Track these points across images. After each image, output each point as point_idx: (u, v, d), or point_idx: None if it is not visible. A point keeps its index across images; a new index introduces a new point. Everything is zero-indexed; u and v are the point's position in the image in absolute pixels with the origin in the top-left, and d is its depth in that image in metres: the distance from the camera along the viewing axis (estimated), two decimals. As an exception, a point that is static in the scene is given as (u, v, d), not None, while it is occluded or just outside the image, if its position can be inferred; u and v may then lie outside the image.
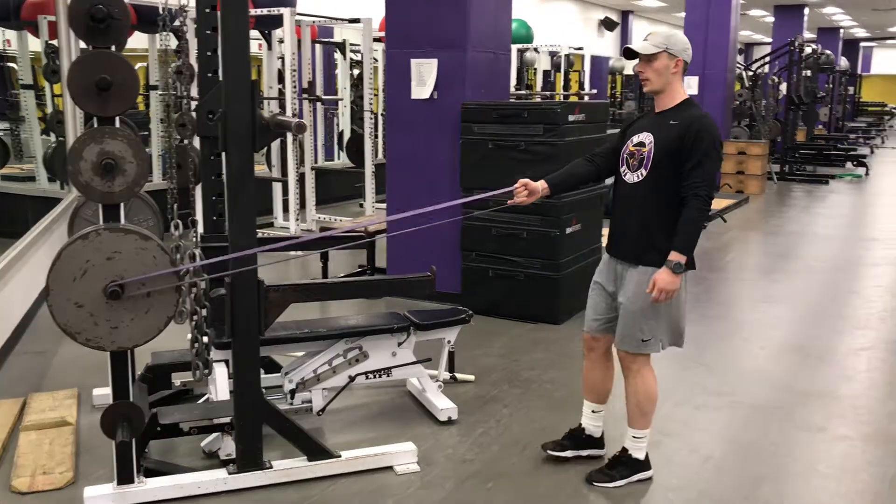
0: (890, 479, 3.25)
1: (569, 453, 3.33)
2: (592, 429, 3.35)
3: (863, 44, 29.11)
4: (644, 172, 3.02)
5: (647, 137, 3.04)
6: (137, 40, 8.41)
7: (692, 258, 2.96)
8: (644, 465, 3.19)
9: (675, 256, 2.90)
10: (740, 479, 3.25)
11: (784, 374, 4.46)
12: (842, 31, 23.41)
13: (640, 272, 3.00)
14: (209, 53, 3.62)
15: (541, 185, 3.19)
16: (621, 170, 3.11)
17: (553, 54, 15.22)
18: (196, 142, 3.70)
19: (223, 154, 2.94)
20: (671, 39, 3.01)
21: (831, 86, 19.55)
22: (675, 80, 3.04)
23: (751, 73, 14.18)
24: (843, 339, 5.12)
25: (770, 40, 19.28)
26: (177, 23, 3.58)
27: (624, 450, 3.20)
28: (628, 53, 3.06)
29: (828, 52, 18.10)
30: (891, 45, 32.75)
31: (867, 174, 14.57)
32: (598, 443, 3.36)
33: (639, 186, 3.03)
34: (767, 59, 15.18)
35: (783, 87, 14.63)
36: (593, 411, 3.34)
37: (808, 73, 15.29)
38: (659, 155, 2.99)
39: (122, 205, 2.76)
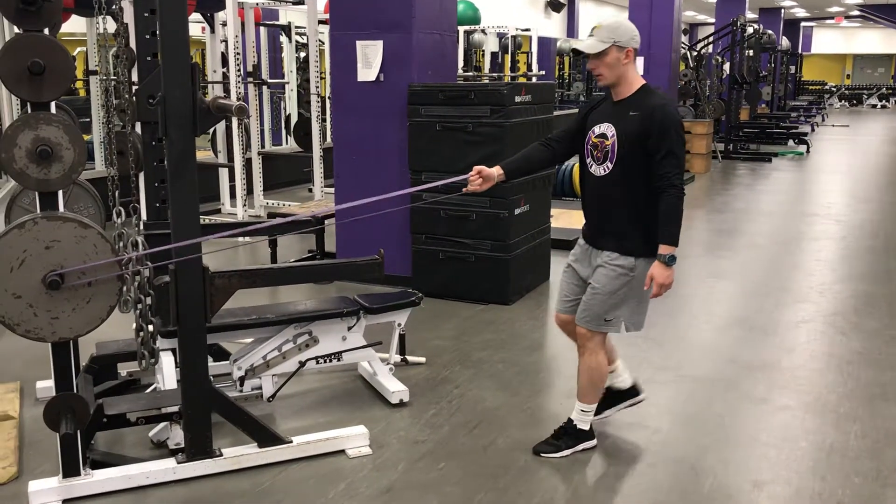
0: (828, 446, 3.36)
1: (608, 412, 3.45)
2: (620, 383, 3.46)
3: (803, 24, 29.71)
4: (610, 166, 3.05)
5: (609, 129, 3.05)
6: (76, 24, 8.19)
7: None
8: (588, 434, 3.28)
9: (665, 249, 2.96)
10: (686, 449, 3.33)
11: (728, 348, 4.57)
12: (783, 11, 23.85)
13: (613, 258, 3.07)
14: (147, 36, 3.54)
15: (496, 171, 3.19)
16: (587, 161, 3.14)
17: (501, 36, 15.24)
18: (138, 127, 3.64)
19: (164, 139, 2.89)
20: (618, 31, 3.01)
21: (773, 65, 19.96)
22: (629, 69, 3.05)
23: (695, 54, 14.38)
24: (784, 313, 5.26)
25: (713, 20, 19.56)
26: (114, 6, 3.49)
27: (569, 421, 3.27)
28: (578, 53, 3.08)
29: (769, 31, 18.45)
30: (830, 25, 33.49)
31: (808, 151, 14.91)
32: (632, 391, 3.48)
33: (606, 179, 3.07)
34: (711, 39, 15.41)
35: (726, 66, 14.88)
36: (611, 372, 3.40)
37: (751, 52, 15.57)
38: (623, 148, 3.01)
39: (60, 192, 2.69)
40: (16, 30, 2.58)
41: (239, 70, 7.45)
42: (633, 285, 3.06)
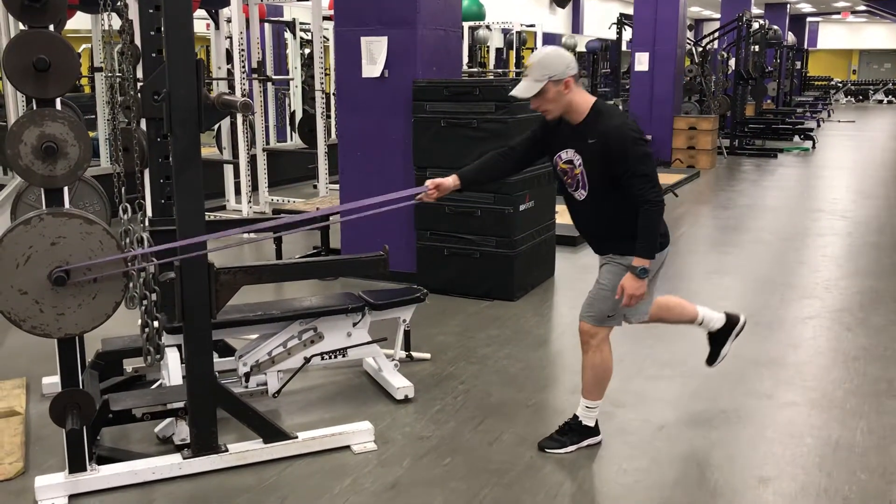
0: (834, 442, 3.36)
1: (724, 350, 3.67)
2: (715, 324, 3.64)
3: (809, 19, 29.58)
4: (585, 192, 3.08)
5: (574, 157, 3.06)
6: (81, 21, 8.20)
7: (667, 234, 3.10)
8: (594, 430, 3.28)
9: (638, 262, 2.97)
10: (691, 446, 3.33)
11: (734, 343, 4.55)
12: (789, 6, 23.75)
13: (616, 257, 3.10)
14: (152, 33, 3.54)
15: (452, 181, 3.20)
16: (565, 182, 3.15)
17: (505, 32, 15.24)
18: (143, 124, 3.64)
19: (169, 135, 2.90)
20: (550, 66, 2.96)
21: (779, 61, 19.88)
22: (574, 95, 3.01)
23: (700, 49, 14.33)
24: (790, 309, 5.25)
25: (719, 16, 19.50)
26: (119, 2, 3.49)
27: (575, 417, 3.28)
28: (516, 99, 3.06)
29: (775, 27, 18.37)
30: (836, 21, 33.35)
31: (814, 147, 14.87)
32: (730, 322, 3.68)
33: (587, 202, 3.10)
34: (716, 34, 15.35)
35: (732, 62, 14.83)
36: (699, 324, 3.60)
37: (756, 48, 15.52)
38: (591, 175, 3.04)
39: (65, 189, 2.70)
40: (21, 26, 2.58)
41: (243, 66, 7.45)
42: None
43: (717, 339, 3.63)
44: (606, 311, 3.11)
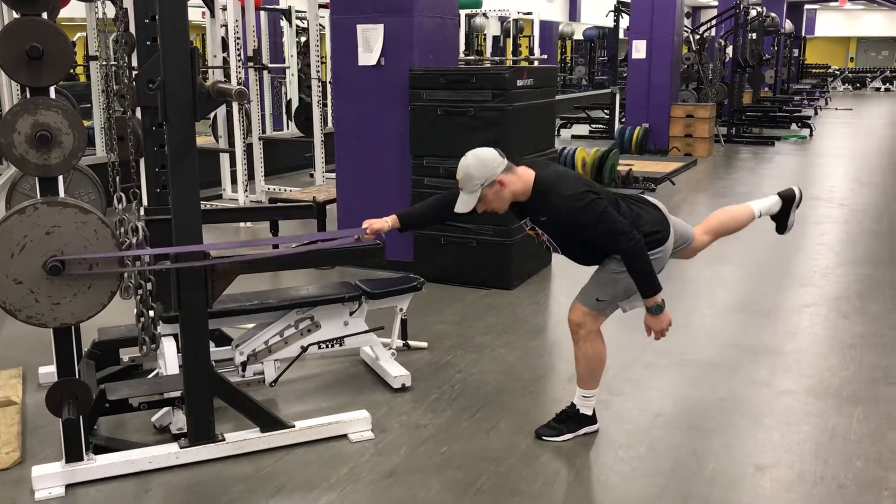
0: (830, 430, 3.36)
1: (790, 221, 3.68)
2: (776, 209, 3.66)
3: (807, 6, 29.48)
4: (559, 250, 3.16)
5: (535, 227, 3.12)
6: (75, 9, 8.15)
7: (663, 228, 3.15)
8: (591, 419, 3.29)
9: (648, 303, 2.99)
10: (688, 434, 3.33)
11: (731, 332, 4.57)
12: (786, -7, 23.69)
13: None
14: (147, 21, 3.52)
15: (389, 222, 3.20)
16: (537, 242, 3.21)
17: (502, 20, 15.19)
18: (139, 112, 3.62)
19: (164, 124, 2.88)
20: (476, 176, 2.96)
21: (776, 48, 19.84)
22: (513, 183, 3.01)
23: (697, 37, 14.28)
24: (787, 297, 5.25)
25: (716, 3, 19.43)
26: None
27: (572, 405, 3.28)
28: (462, 214, 3.08)
29: (773, 14, 18.33)
30: (834, 8, 33.26)
31: (811, 135, 14.85)
32: (785, 205, 3.66)
33: (564, 252, 3.18)
34: (714, 22, 15.30)
35: (729, 50, 14.79)
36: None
37: (754, 35, 15.49)
38: (557, 239, 3.11)
39: (60, 178, 2.68)
40: (14, 14, 2.56)
41: (239, 55, 7.41)
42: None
43: (781, 215, 3.67)
44: (595, 294, 3.13)
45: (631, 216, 3.05)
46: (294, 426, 3.19)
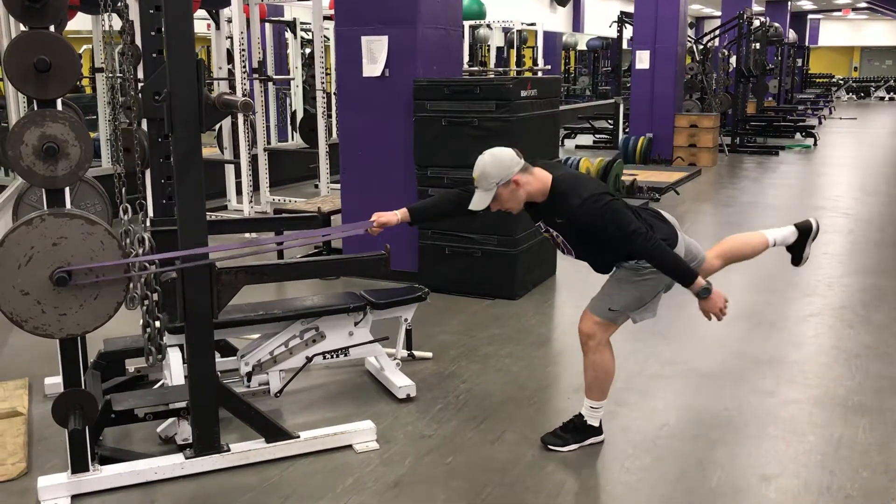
0: (836, 440, 3.35)
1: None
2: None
3: (810, 16, 29.57)
4: (573, 254, 3.15)
5: (552, 229, 3.11)
6: (81, 21, 8.20)
7: (673, 233, 3.15)
8: (597, 430, 3.28)
9: (694, 289, 2.96)
10: (694, 443, 3.33)
11: (736, 342, 4.56)
12: (790, 3, 23.72)
13: (621, 266, 3.14)
14: (153, 33, 3.54)
15: (398, 215, 3.20)
16: (553, 245, 3.21)
17: (506, 30, 15.24)
18: (145, 124, 3.64)
19: (170, 135, 2.90)
20: (493, 174, 2.98)
21: (780, 58, 19.85)
22: (528, 184, 3.01)
23: (701, 47, 14.31)
24: (792, 306, 5.24)
25: (720, 13, 19.47)
26: (119, 3, 3.49)
27: (580, 415, 3.28)
28: (475, 212, 3.10)
29: (776, 24, 18.34)
30: (837, 18, 33.32)
31: (815, 145, 14.84)
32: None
33: (579, 256, 3.17)
34: (717, 32, 15.33)
35: (733, 59, 14.82)
36: None
37: (758, 45, 15.49)
38: (573, 245, 3.11)
39: (66, 189, 2.70)
40: (21, 27, 2.58)
41: (244, 66, 7.44)
42: (640, 280, 3.07)
43: (797, 247, 3.73)
44: (608, 304, 3.13)
45: (645, 224, 3.05)
46: (299, 436, 3.19)
